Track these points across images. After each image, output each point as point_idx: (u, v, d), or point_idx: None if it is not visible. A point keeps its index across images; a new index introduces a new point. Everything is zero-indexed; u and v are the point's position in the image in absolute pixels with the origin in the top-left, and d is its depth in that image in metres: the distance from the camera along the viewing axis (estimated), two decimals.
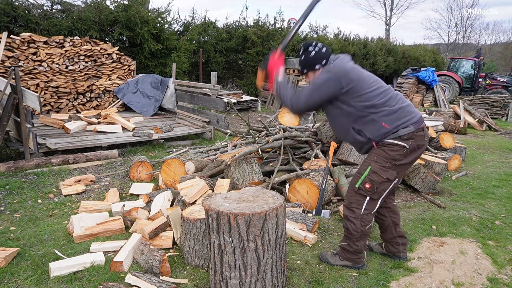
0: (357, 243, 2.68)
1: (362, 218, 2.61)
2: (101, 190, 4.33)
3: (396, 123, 2.42)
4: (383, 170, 2.48)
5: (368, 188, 2.53)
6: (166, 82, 8.13)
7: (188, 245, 2.73)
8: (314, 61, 2.58)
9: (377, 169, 2.49)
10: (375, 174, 2.50)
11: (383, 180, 2.50)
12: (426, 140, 2.52)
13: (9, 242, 3.00)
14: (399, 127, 2.42)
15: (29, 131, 4.84)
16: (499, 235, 3.44)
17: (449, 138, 5.96)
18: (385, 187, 2.55)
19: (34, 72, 7.08)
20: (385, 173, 2.48)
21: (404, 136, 2.41)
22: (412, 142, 2.42)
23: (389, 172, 2.48)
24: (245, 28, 12.28)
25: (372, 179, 2.51)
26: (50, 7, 8.49)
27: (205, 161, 4.39)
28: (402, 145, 2.42)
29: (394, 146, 2.43)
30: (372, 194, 2.55)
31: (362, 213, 2.60)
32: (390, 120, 2.42)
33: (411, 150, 2.44)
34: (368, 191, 2.54)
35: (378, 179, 2.50)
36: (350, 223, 2.63)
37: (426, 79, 15.06)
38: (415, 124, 2.43)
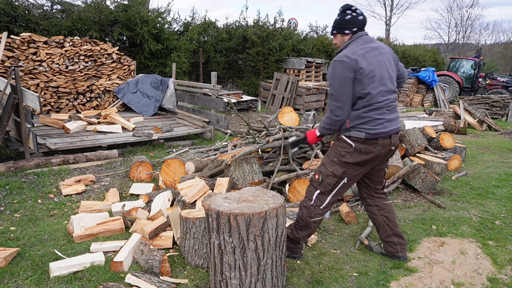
0: (298, 231, 2.78)
1: (309, 209, 2.69)
2: (101, 190, 4.33)
3: (354, 123, 2.50)
4: (330, 164, 2.61)
5: (316, 179, 2.66)
6: (166, 82, 8.13)
7: (188, 244, 2.73)
8: (347, 24, 2.56)
9: (325, 161, 2.65)
10: (323, 166, 2.64)
11: (328, 173, 2.60)
12: (379, 149, 2.52)
13: (9, 242, 3.01)
14: (354, 128, 2.51)
15: (29, 131, 4.84)
16: (499, 235, 3.44)
17: (449, 138, 5.96)
18: (331, 182, 2.61)
19: (34, 72, 7.08)
20: (331, 167, 2.59)
21: (354, 137, 2.52)
22: (360, 144, 2.51)
23: (335, 167, 2.58)
24: (245, 28, 12.28)
25: (320, 170, 2.65)
26: (50, 7, 8.49)
27: (205, 161, 4.39)
28: (349, 143, 2.54)
29: (343, 142, 2.56)
30: (319, 185, 2.64)
31: (311, 204, 2.69)
32: (353, 122, 2.51)
33: (357, 151, 2.52)
34: (316, 182, 2.66)
35: (325, 171, 2.62)
36: (300, 210, 2.76)
37: (426, 79, 15.07)
38: (370, 134, 2.48)
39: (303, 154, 4.78)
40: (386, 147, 2.56)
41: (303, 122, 7.33)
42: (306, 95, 11.20)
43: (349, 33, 2.57)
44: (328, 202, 2.68)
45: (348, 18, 2.55)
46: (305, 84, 11.41)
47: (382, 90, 2.49)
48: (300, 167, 4.40)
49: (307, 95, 11.24)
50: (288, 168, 4.35)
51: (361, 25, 2.56)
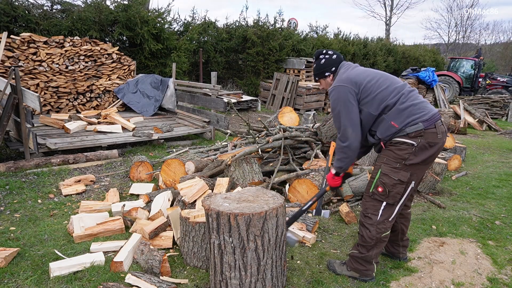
0: (369, 251, 2.56)
1: (378, 225, 2.50)
2: (101, 190, 4.33)
3: (405, 121, 2.34)
4: (394, 172, 2.39)
5: (381, 191, 2.43)
6: (166, 82, 8.13)
7: (187, 246, 2.73)
8: (324, 68, 2.68)
9: (387, 171, 2.41)
10: (386, 176, 2.41)
11: (395, 182, 2.39)
12: (440, 137, 2.37)
13: (9, 242, 3.00)
14: (407, 125, 2.34)
15: (29, 131, 4.84)
16: (499, 235, 3.44)
17: (449, 138, 5.96)
18: (399, 190, 2.41)
19: (34, 72, 7.08)
20: (396, 175, 2.38)
21: (411, 133, 2.33)
22: (421, 139, 2.32)
23: (401, 173, 2.37)
24: (245, 28, 12.28)
25: (383, 181, 2.42)
26: (50, 7, 8.49)
27: (205, 161, 4.39)
28: (410, 143, 2.33)
29: (402, 144, 2.36)
30: (386, 198, 2.44)
31: (379, 219, 2.49)
32: (399, 119, 2.35)
33: (421, 148, 2.33)
34: (382, 195, 2.44)
35: (390, 182, 2.40)
36: (366, 230, 2.54)
37: (426, 79, 15.07)
38: (425, 122, 2.32)
39: (303, 154, 4.78)
40: (444, 134, 2.41)
41: (303, 122, 7.33)
42: (306, 95, 11.20)
43: (329, 74, 2.67)
44: (396, 212, 2.50)
45: (323, 62, 2.67)
46: (305, 84, 11.41)
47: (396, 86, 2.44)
48: (300, 167, 4.40)
49: (307, 95, 11.24)
50: (288, 168, 4.35)
51: (337, 62, 2.65)
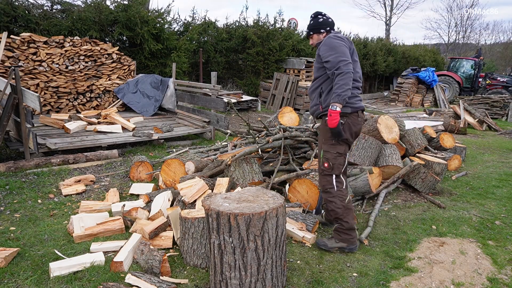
0: (346, 219, 2.93)
1: (338, 195, 2.93)
2: (101, 190, 4.33)
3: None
4: (332, 147, 2.90)
5: (327, 166, 2.92)
6: (166, 82, 8.13)
7: (187, 244, 2.73)
8: (321, 25, 3.00)
9: (326, 148, 2.92)
10: (327, 152, 2.91)
11: (335, 155, 2.90)
12: (361, 122, 2.96)
13: (9, 242, 3.01)
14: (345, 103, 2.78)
15: (29, 131, 4.84)
16: (499, 235, 3.44)
17: (449, 138, 5.96)
18: (341, 161, 2.92)
19: (34, 72, 7.08)
20: (334, 149, 2.89)
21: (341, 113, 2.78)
22: (347, 119, 2.87)
23: (337, 147, 2.89)
24: (245, 28, 12.28)
25: (326, 157, 2.92)
26: (50, 7, 8.49)
27: (205, 161, 4.39)
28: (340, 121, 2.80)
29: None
30: (332, 170, 2.91)
31: (336, 190, 2.93)
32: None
33: (347, 125, 2.87)
34: (329, 169, 2.91)
35: (331, 156, 2.90)
36: (331, 203, 2.96)
37: (426, 79, 15.06)
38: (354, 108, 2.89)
39: (303, 154, 4.77)
40: (363, 120, 3.03)
41: (303, 122, 7.33)
42: (306, 95, 11.20)
43: (324, 32, 3.00)
44: (345, 180, 3.00)
45: (321, 20, 3.00)
46: (305, 84, 11.41)
47: (359, 72, 2.93)
48: (300, 167, 4.40)
49: (307, 95, 11.23)
50: (288, 168, 4.35)
51: (332, 25, 3.01)
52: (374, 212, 3.72)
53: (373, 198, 4.20)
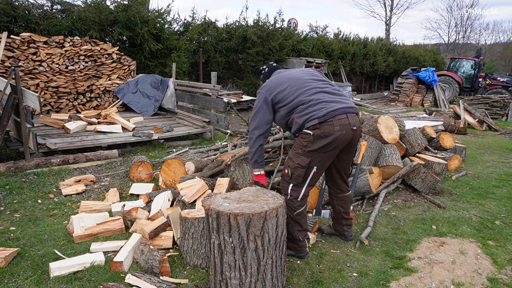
0: (290, 230, 2.80)
1: (288, 204, 2.75)
2: (101, 190, 4.33)
3: (304, 118, 2.68)
4: (296, 156, 2.73)
5: (286, 173, 2.78)
6: (166, 82, 8.13)
7: (187, 244, 2.73)
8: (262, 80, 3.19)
9: (291, 155, 2.78)
10: (290, 160, 2.78)
11: (295, 166, 2.72)
12: (338, 129, 2.63)
13: (9, 242, 3.00)
14: (306, 121, 2.68)
15: (29, 131, 4.84)
16: (499, 235, 3.44)
17: (449, 138, 5.95)
18: (300, 173, 2.71)
19: (34, 72, 7.08)
20: (297, 159, 2.71)
21: (310, 127, 2.66)
22: (317, 130, 2.64)
23: (301, 158, 2.69)
24: (245, 28, 12.28)
25: (288, 164, 2.78)
26: (50, 7, 8.49)
27: (205, 161, 4.39)
28: (308, 132, 2.67)
29: (303, 134, 2.72)
30: (290, 179, 2.76)
31: (288, 198, 2.77)
32: (301, 117, 2.70)
33: (317, 137, 2.63)
34: (287, 177, 2.77)
35: (292, 164, 2.74)
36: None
37: (426, 79, 15.06)
38: (320, 117, 2.63)
39: None
40: (345, 126, 2.65)
41: None
42: None
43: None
44: (304, 193, 2.78)
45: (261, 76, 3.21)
46: None
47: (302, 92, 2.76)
48: None
49: None
50: None
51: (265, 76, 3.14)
52: (374, 212, 3.72)
53: (373, 198, 4.20)
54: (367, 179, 3.98)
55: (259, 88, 2.99)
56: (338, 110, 2.65)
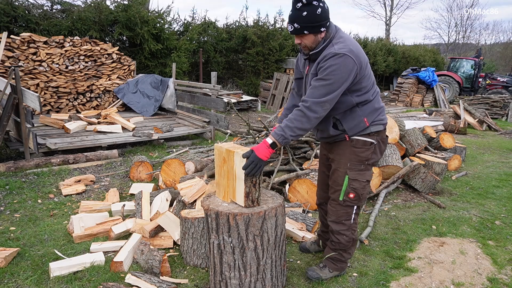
0: (349, 251, 2.59)
1: (351, 227, 2.50)
2: (101, 190, 4.33)
3: (372, 118, 2.34)
4: (361, 174, 2.37)
5: (353, 197, 2.40)
6: (166, 82, 8.13)
7: (187, 244, 2.73)
8: (321, 21, 2.12)
9: (355, 176, 2.36)
10: (355, 181, 2.37)
11: (364, 184, 2.40)
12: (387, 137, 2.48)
13: (9, 242, 3.01)
14: (373, 123, 2.34)
15: (29, 131, 4.84)
16: (499, 235, 3.44)
17: (449, 138, 5.95)
18: (368, 189, 2.46)
19: (34, 72, 7.08)
20: (364, 176, 2.38)
21: (373, 132, 2.35)
22: (377, 137, 2.36)
23: (367, 173, 2.39)
24: (245, 28, 12.29)
25: (354, 187, 2.38)
26: (50, 7, 8.49)
27: (205, 161, 4.39)
28: (370, 141, 2.34)
29: (364, 145, 2.34)
30: (358, 201, 2.43)
31: (352, 223, 2.49)
32: (371, 118, 2.33)
33: (378, 145, 2.38)
34: (354, 200, 2.41)
35: (360, 185, 2.38)
36: (342, 236, 2.50)
37: (426, 79, 15.06)
38: (384, 125, 2.40)
39: (303, 154, 4.77)
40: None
41: None
42: None
43: (324, 30, 2.17)
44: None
45: (319, 12, 2.10)
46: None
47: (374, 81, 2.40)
48: (300, 167, 4.40)
49: None
50: (288, 168, 4.35)
51: (329, 19, 2.20)
52: (374, 212, 3.72)
53: (373, 198, 4.20)
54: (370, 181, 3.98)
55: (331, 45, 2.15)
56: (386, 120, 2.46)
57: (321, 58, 2.17)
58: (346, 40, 2.17)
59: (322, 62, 2.14)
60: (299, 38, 2.22)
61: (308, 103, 2.14)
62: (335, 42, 2.17)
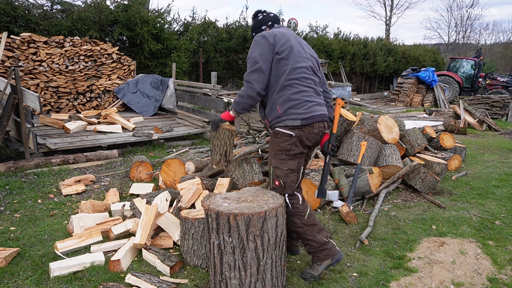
0: (311, 237, 2.53)
1: (295, 213, 2.51)
2: (101, 190, 4.33)
3: (285, 109, 2.40)
4: (282, 163, 2.47)
5: (278, 185, 2.49)
6: (166, 82, 8.13)
7: (187, 244, 2.73)
8: (261, 23, 2.69)
9: (277, 164, 2.48)
10: (277, 169, 2.49)
11: (286, 172, 2.46)
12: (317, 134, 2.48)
13: (9, 242, 3.01)
14: (287, 116, 2.40)
15: (29, 131, 4.84)
16: (499, 235, 3.44)
17: (449, 138, 5.95)
18: (293, 178, 2.48)
19: (34, 72, 7.08)
20: (285, 165, 2.46)
21: (290, 126, 2.41)
22: (299, 131, 2.41)
23: (289, 162, 2.46)
24: (245, 28, 12.29)
25: (276, 174, 2.49)
26: (50, 7, 8.50)
27: (205, 161, 4.39)
28: (288, 133, 2.41)
29: (282, 135, 2.43)
30: (284, 189, 2.49)
31: (292, 208, 2.51)
32: (283, 107, 2.41)
33: (298, 139, 2.42)
34: (280, 188, 2.49)
35: (282, 173, 2.47)
36: (290, 223, 2.53)
37: (426, 79, 15.06)
38: (305, 120, 2.40)
39: None
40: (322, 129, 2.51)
41: None
42: None
43: (266, 27, 2.67)
44: (301, 195, 2.57)
45: (260, 18, 2.70)
46: None
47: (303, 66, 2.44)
48: None
49: None
50: None
51: (274, 20, 2.69)
52: (374, 212, 3.72)
53: (373, 198, 4.20)
54: (367, 179, 3.98)
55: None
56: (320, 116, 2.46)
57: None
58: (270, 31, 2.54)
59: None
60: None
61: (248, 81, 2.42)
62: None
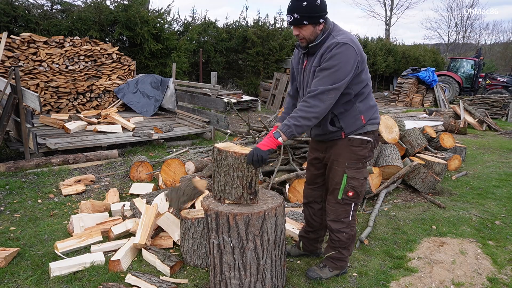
0: (349, 248, 2.59)
1: (350, 224, 2.51)
2: (101, 190, 4.33)
3: (368, 116, 2.35)
4: (359, 172, 2.40)
5: (352, 195, 2.41)
6: (166, 82, 8.13)
7: (187, 244, 2.73)
8: (320, 12, 2.17)
9: (353, 174, 2.38)
10: (354, 179, 2.39)
11: (362, 182, 2.42)
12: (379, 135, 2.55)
13: (9, 242, 3.01)
14: (369, 122, 2.36)
15: (29, 131, 4.84)
16: (499, 235, 3.44)
17: (449, 138, 5.95)
18: (365, 187, 2.47)
19: (34, 72, 7.08)
20: (362, 174, 2.41)
21: (369, 131, 2.37)
22: (372, 136, 2.39)
23: (364, 171, 2.42)
24: (245, 28, 12.29)
25: (352, 185, 2.39)
26: (50, 7, 8.50)
27: (205, 161, 4.39)
28: (367, 139, 2.36)
29: (359, 142, 2.35)
30: (357, 199, 2.45)
31: (351, 220, 2.50)
32: (367, 115, 2.34)
33: (373, 143, 2.41)
34: (353, 198, 2.43)
35: (358, 183, 2.40)
36: (341, 233, 2.50)
37: (426, 79, 15.06)
38: (378, 123, 2.44)
39: (303, 154, 4.77)
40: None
41: None
42: None
43: (323, 22, 2.21)
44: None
45: (318, 3, 2.15)
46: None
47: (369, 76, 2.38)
48: (300, 167, 4.40)
49: None
50: (288, 168, 4.35)
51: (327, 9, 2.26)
52: (374, 212, 3.72)
53: (373, 198, 4.20)
54: (367, 179, 3.98)
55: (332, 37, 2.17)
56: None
57: (324, 50, 2.18)
58: (345, 33, 2.22)
59: (327, 53, 2.15)
60: (297, 29, 2.22)
61: (315, 92, 2.13)
62: (335, 34, 2.20)
